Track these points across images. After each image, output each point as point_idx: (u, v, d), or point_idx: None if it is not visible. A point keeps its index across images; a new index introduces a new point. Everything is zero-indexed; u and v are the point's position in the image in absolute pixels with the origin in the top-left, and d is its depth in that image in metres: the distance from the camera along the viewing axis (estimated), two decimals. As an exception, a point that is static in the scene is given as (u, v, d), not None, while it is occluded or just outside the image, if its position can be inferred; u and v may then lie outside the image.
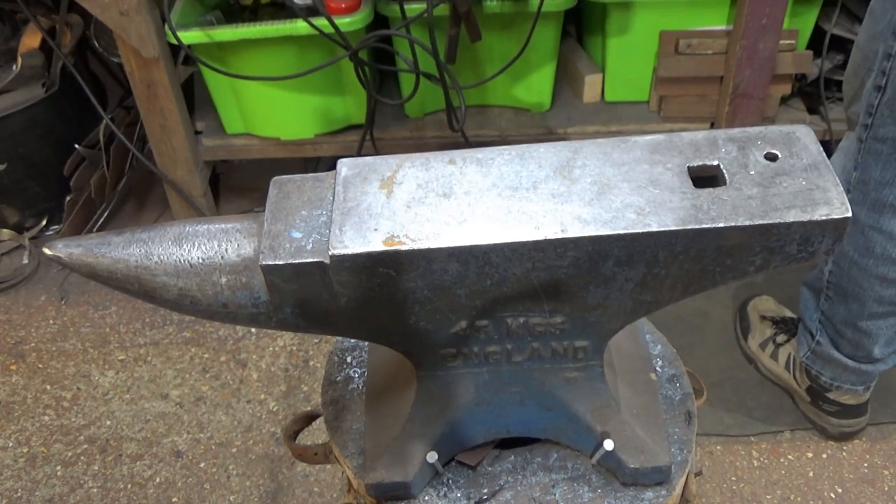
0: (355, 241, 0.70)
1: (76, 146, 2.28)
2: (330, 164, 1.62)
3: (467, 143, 2.11)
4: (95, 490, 1.82)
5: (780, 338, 1.88)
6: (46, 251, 0.76)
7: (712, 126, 2.18)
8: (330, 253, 0.69)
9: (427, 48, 1.87)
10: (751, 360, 1.94)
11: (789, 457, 1.78)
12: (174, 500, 1.79)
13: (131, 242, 0.76)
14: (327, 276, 0.71)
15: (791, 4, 1.91)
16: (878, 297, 1.53)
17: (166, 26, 1.89)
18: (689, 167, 0.73)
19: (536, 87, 2.18)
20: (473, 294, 0.73)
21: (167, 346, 2.11)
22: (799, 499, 1.72)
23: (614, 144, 0.76)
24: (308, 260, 0.70)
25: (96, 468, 1.86)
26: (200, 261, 0.75)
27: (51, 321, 2.21)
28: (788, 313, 1.95)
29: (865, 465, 1.77)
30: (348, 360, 1.05)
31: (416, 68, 1.95)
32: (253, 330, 2.12)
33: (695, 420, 0.95)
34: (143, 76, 1.99)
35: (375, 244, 0.69)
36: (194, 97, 2.29)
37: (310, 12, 1.83)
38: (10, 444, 1.92)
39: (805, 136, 0.75)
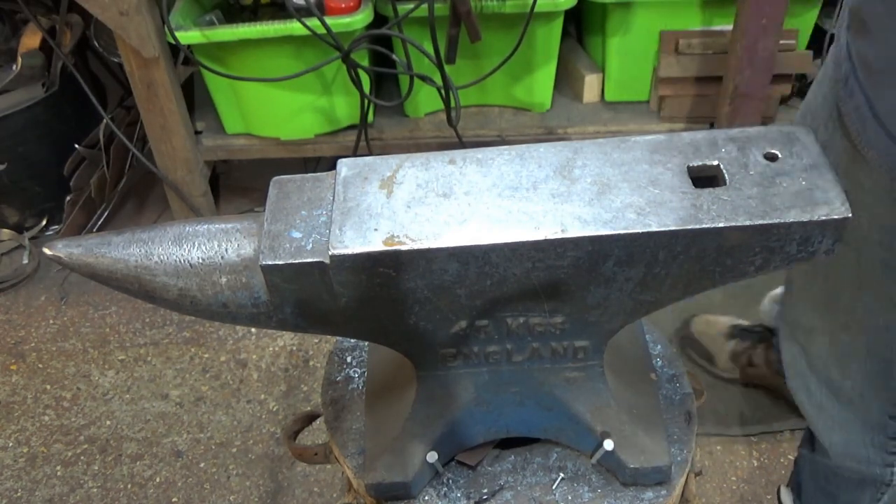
0: (355, 241, 0.70)
1: (76, 146, 2.28)
2: (330, 164, 1.62)
3: (461, 144, 2.11)
4: (95, 490, 1.82)
5: (744, 345, 1.83)
6: (46, 251, 0.76)
7: (712, 126, 2.17)
8: (330, 253, 0.69)
9: (421, 48, 1.87)
10: (731, 381, 1.88)
11: (789, 457, 1.77)
12: (174, 500, 1.79)
13: (131, 242, 0.76)
14: (327, 276, 0.71)
15: (791, 4, 1.91)
16: None
17: (165, 27, 1.88)
18: (689, 167, 0.73)
19: (536, 87, 2.18)
20: (473, 294, 0.73)
21: (167, 346, 2.11)
22: (799, 499, 1.72)
23: (614, 144, 0.76)
24: (308, 260, 0.70)
25: (96, 468, 1.86)
26: (200, 261, 0.75)
27: (51, 321, 2.21)
28: (734, 321, 1.88)
29: (865, 465, 1.77)
30: (348, 360, 1.05)
31: (410, 69, 1.95)
32: (253, 330, 2.12)
33: (695, 420, 0.95)
34: (143, 76, 1.99)
35: (375, 244, 0.69)
36: (194, 97, 2.29)
37: (307, 12, 1.82)
38: (10, 444, 1.92)
39: (805, 136, 0.75)
